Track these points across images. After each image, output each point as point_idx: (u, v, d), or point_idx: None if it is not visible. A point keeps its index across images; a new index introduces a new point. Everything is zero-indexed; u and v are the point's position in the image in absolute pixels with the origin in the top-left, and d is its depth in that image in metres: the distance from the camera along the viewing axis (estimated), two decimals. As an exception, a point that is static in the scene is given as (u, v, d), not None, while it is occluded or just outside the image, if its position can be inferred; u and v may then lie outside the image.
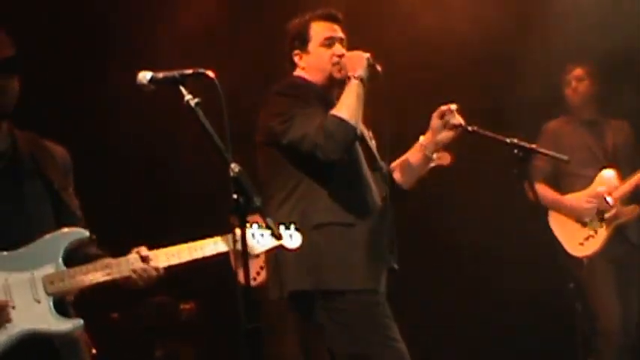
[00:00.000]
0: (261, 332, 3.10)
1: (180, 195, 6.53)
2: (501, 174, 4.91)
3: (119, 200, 6.24)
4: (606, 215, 5.90)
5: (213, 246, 3.61)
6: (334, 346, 4.19)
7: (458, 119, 4.36)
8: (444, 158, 4.70)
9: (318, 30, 4.35)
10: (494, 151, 4.59)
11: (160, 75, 3.32)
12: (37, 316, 3.35)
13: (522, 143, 4.53)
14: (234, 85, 3.85)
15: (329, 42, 4.33)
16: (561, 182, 6.09)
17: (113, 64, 5.93)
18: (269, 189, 4.25)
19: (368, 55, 4.27)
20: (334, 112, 4.16)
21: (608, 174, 5.99)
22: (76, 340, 3.50)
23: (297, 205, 4.17)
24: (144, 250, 3.50)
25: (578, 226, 5.94)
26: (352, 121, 4.13)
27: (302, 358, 5.96)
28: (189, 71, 3.30)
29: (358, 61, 4.25)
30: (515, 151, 4.51)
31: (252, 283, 3.80)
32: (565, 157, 5.39)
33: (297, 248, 3.88)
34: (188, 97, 3.24)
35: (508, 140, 4.51)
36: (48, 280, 3.37)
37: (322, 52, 4.33)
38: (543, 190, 5.97)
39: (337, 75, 4.31)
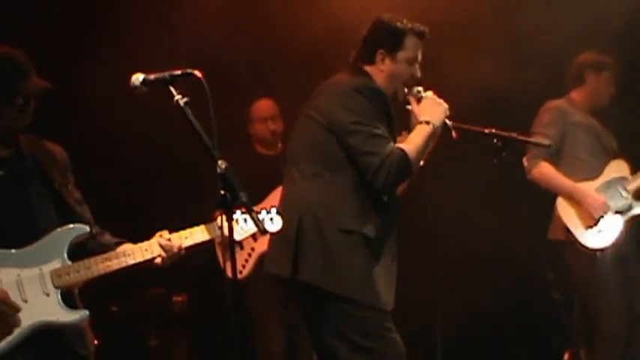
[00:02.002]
0: (250, 323, 3.22)
1: (164, 188, 6.61)
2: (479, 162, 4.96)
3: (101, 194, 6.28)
4: (619, 206, 5.73)
5: (200, 234, 3.76)
6: (336, 334, 4.20)
7: None
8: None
9: (412, 45, 4.33)
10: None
11: (152, 77, 3.48)
12: (47, 308, 3.53)
13: (501, 132, 4.52)
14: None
15: (414, 61, 4.35)
16: (560, 163, 5.82)
17: (106, 59, 5.99)
18: (306, 165, 4.26)
19: (447, 111, 4.30)
20: (405, 148, 4.17)
21: (620, 165, 5.83)
22: (83, 331, 3.68)
23: (331, 200, 4.18)
24: (166, 234, 3.71)
25: (591, 216, 5.68)
26: (415, 165, 4.18)
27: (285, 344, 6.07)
28: (179, 72, 3.44)
29: (439, 112, 4.28)
30: (495, 140, 4.51)
31: (239, 275, 3.89)
32: (547, 142, 5.22)
33: (278, 231, 3.90)
34: (177, 96, 3.39)
35: (486, 131, 4.50)
36: (55, 274, 3.55)
37: (404, 67, 4.33)
38: (552, 173, 5.76)
39: (401, 97, 4.34)
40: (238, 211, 3.75)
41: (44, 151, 3.74)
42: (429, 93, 4.34)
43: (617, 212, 5.72)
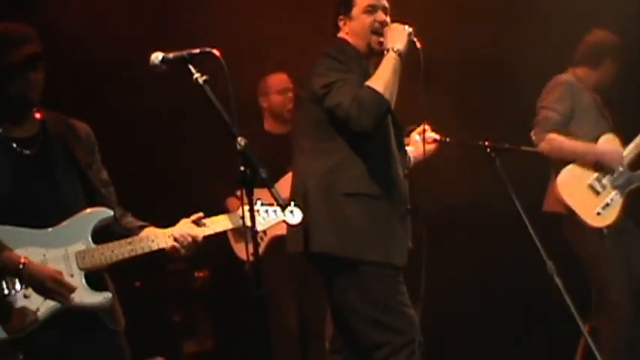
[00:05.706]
0: (267, 299, 3.27)
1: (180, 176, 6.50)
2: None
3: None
4: (617, 181, 5.76)
5: (223, 222, 3.83)
6: (351, 308, 4.28)
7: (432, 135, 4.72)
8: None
9: None
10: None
11: (171, 55, 3.51)
12: None
13: (494, 144, 4.88)
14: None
15: (372, 9, 4.40)
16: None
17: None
18: (304, 141, 4.36)
19: (410, 30, 4.33)
20: (370, 83, 4.23)
21: (611, 137, 5.82)
22: (113, 306, 3.72)
23: (331, 168, 4.26)
24: (189, 221, 3.77)
25: (591, 195, 5.72)
26: (387, 95, 4.20)
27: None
28: (197, 51, 3.47)
29: (399, 35, 4.32)
30: (488, 150, 4.88)
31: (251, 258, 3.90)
32: (538, 149, 5.39)
33: (299, 224, 3.88)
34: (197, 75, 3.42)
35: (480, 143, 4.86)
36: (80, 256, 3.60)
37: (364, 19, 4.40)
38: (562, 140, 5.72)
39: (376, 45, 4.39)
40: (259, 202, 3.80)
41: (70, 130, 3.76)
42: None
43: (616, 187, 5.76)
